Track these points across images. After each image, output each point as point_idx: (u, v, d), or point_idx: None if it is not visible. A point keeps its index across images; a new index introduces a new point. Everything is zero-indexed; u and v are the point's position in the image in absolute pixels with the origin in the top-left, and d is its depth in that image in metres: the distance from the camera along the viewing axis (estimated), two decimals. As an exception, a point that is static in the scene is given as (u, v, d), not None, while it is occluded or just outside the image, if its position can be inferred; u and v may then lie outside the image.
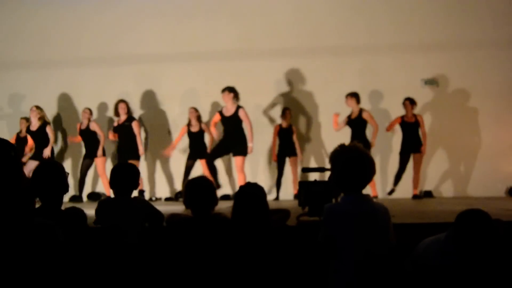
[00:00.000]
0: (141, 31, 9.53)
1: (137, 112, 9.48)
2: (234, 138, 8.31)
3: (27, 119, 9.02)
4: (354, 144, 2.92)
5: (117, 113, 8.85)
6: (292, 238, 3.57)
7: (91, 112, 9.04)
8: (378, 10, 9.32)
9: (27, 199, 1.86)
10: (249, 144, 8.28)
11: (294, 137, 8.95)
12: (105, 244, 3.76)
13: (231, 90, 8.32)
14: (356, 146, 2.91)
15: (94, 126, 8.94)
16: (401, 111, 8.64)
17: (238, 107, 8.33)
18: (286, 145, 8.92)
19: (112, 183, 3.90)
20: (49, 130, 8.71)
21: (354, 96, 8.45)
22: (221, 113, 8.43)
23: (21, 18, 9.73)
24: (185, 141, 9.08)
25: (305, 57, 9.28)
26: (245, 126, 8.35)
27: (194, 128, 8.81)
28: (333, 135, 9.00)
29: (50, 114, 9.39)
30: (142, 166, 9.02)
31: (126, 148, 8.70)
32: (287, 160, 8.97)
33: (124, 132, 8.73)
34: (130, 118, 8.80)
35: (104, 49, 9.57)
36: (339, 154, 2.86)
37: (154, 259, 3.75)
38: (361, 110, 8.44)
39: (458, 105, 9.24)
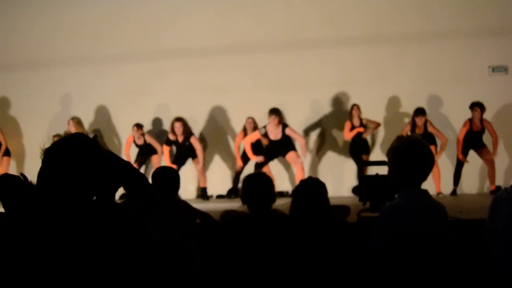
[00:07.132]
0: (186, 24, 9.61)
1: (185, 111, 9.40)
2: (281, 151, 8.48)
3: (60, 136, 9.19)
4: (411, 136, 2.90)
5: (173, 131, 8.83)
6: (353, 234, 3.60)
7: (142, 128, 9.16)
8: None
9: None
10: (302, 158, 8.40)
11: (365, 134, 8.83)
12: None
13: (277, 113, 8.34)
14: (414, 137, 2.91)
15: (149, 140, 9.14)
16: (463, 104, 8.43)
17: (283, 126, 8.41)
18: (358, 143, 8.82)
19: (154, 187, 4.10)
20: None
21: (425, 114, 8.30)
22: (267, 136, 8.47)
23: (68, 15, 9.96)
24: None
25: (360, 46, 9.16)
26: (298, 142, 8.54)
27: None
28: (392, 128, 8.94)
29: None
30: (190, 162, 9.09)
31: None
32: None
33: (185, 149, 8.88)
34: (188, 136, 8.83)
35: (148, 44, 9.71)
36: (397, 148, 2.83)
37: (208, 256, 3.85)
38: (426, 122, 8.31)
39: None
